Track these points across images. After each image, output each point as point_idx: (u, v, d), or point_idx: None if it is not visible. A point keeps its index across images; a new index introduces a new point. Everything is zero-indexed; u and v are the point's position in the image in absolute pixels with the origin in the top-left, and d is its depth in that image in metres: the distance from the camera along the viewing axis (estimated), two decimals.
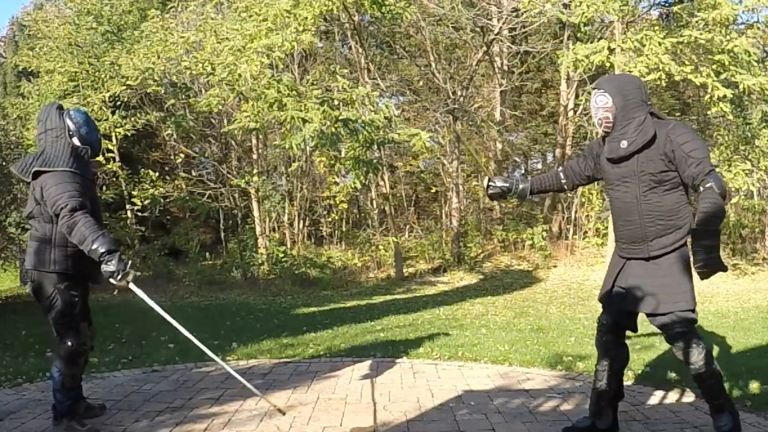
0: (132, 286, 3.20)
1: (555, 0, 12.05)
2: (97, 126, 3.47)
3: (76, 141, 3.33)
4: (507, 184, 3.50)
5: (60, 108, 3.39)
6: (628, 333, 3.34)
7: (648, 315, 3.12)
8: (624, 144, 3.03)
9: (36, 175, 3.22)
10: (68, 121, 3.34)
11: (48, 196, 3.14)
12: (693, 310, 3.03)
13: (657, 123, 3.04)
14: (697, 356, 3.00)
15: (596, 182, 3.42)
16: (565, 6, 12.21)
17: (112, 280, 3.11)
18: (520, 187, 3.48)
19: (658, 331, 3.17)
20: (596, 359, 3.35)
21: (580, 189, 15.64)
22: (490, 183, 3.54)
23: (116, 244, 3.17)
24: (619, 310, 3.21)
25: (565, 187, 3.50)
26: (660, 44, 10.67)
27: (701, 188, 2.86)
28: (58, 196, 3.12)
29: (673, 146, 2.95)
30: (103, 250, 3.06)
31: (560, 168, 3.53)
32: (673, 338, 3.03)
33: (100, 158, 12.81)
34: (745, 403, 3.83)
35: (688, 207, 3.10)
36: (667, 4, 13.89)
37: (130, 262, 3.17)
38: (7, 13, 37.25)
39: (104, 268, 3.10)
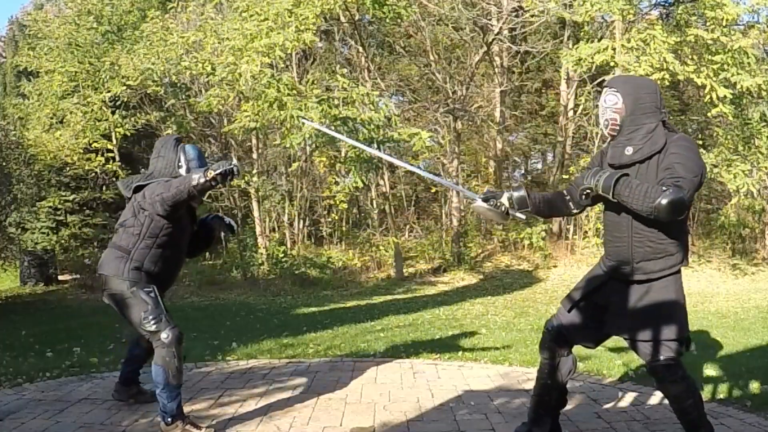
0: (235, 164, 3.34)
1: None
2: (207, 164, 3.63)
3: (182, 172, 3.52)
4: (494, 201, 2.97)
5: (178, 141, 3.63)
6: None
7: (628, 340, 2.91)
8: (629, 150, 2.77)
9: (138, 189, 3.48)
10: (181, 154, 3.55)
11: (150, 194, 3.35)
12: (680, 342, 2.79)
13: (668, 135, 2.78)
14: (679, 390, 2.80)
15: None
16: (565, 6, 12.23)
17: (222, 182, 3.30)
18: (514, 195, 2.97)
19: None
20: (539, 365, 3.14)
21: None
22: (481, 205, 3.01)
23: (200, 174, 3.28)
24: (576, 324, 3.00)
25: (573, 205, 3.07)
26: (664, 43, 10.71)
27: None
28: (158, 186, 3.35)
29: (666, 156, 2.70)
30: (203, 179, 3.22)
31: (565, 190, 3.15)
32: (655, 370, 2.81)
33: (101, 158, 12.84)
34: (745, 403, 3.83)
35: (685, 233, 2.86)
36: (667, 4, 13.90)
37: (222, 163, 3.28)
38: (7, 13, 37.27)
39: (215, 183, 3.27)
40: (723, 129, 13.44)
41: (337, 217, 16.24)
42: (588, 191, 2.76)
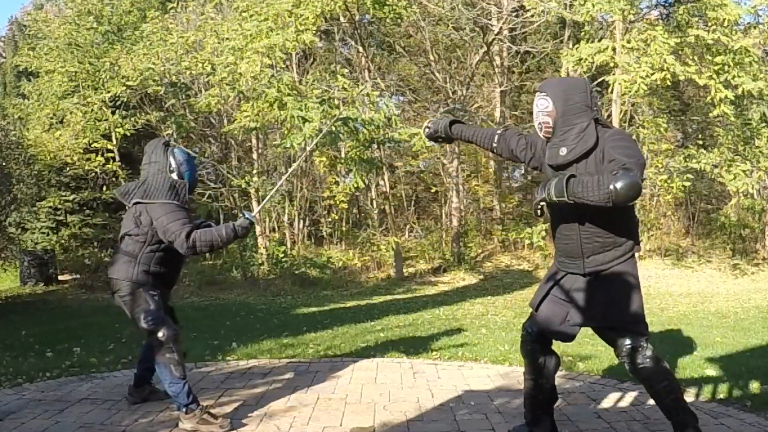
0: (255, 215, 3.67)
1: None
2: (196, 166, 3.83)
3: (174, 176, 3.62)
4: (434, 126, 3.43)
5: (167, 144, 3.71)
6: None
7: (595, 330, 3.02)
8: (563, 151, 2.85)
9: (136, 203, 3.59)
10: (170, 158, 3.63)
11: (159, 225, 3.48)
12: (643, 324, 2.90)
13: (601, 131, 2.84)
14: (650, 371, 2.86)
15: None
16: (566, 6, 12.24)
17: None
18: (444, 125, 3.38)
19: (656, 330, 3.14)
20: (524, 368, 3.24)
21: None
22: (427, 126, 3.48)
23: (230, 225, 3.54)
24: (549, 321, 3.07)
25: (495, 151, 3.32)
26: (664, 44, 10.72)
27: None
28: (170, 224, 3.45)
29: (605, 152, 2.76)
30: (231, 235, 3.49)
31: (498, 131, 3.31)
32: (627, 353, 2.88)
33: (100, 158, 12.85)
34: (745, 403, 3.82)
35: (632, 223, 2.94)
36: (667, 4, 13.91)
37: (241, 218, 3.56)
38: (7, 13, 37.28)
39: (242, 236, 3.60)
40: (723, 129, 13.44)
41: (337, 217, 16.24)
42: (542, 204, 2.81)
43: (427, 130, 3.49)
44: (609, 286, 2.90)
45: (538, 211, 2.87)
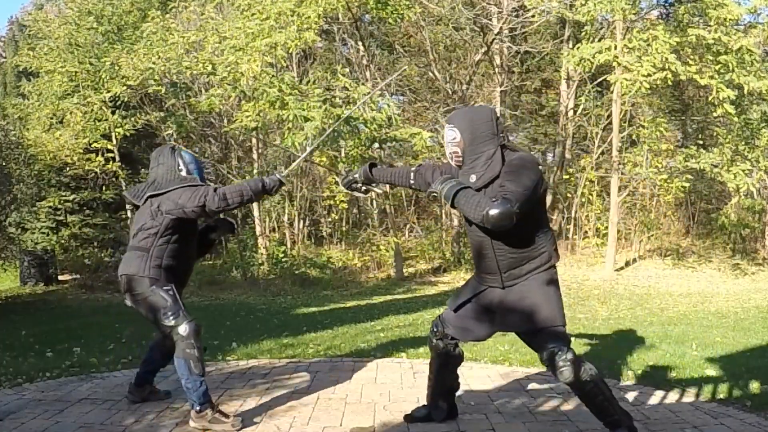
0: (284, 175, 3.77)
1: None
2: (203, 167, 3.92)
3: (183, 174, 3.70)
4: (350, 175, 3.63)
5: (173, 149, 3.80)
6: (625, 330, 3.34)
7: (519, 335, 3.17)
8: (473, 178, 3.00)
9: (149, 197, 3.64)
10: (178, 159, 3.72)
11: (185, 200, 3.50)
12: (563, 327, 3.02)
13: (508, 155, 3.02)
14: (574, 373, 2.97)
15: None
16: (568, 6, 12.24)
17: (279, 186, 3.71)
18: (363, 171, 3.55)
19: (656, 330, 3.15)
20: (429, 358, 3.47)
21: (580, 189, 15.66)
22: (344, 175, 3.68)
23: (258, 178, 3.67)
24: (457, 329, 3.27)
25: (413, 188, 3.50)
26: (665, 43, 10.75)
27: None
28: (194, 193, 3.51)
29: (501, 176, 2.93)
30: (260, 188, 3.58)
31: (413, 168, 3.48)
32: (547, 357, 2.99)
33: (100, 158, 12.86)
34: (745, 403, 3.82)
35: (546, 237, 3.08)
36: (667, 4, 13.91)
37: (272, 177, 3.66)
38: (7, 13, 37.30)
39: (269, 193, 3.67)
40: (724, 129, 13.45)
41: (337, 217, 16.24)
42: (434, 194, 3.06)
43: (344, 179, 3.65)
44: (527, 294, 3.03)
45: (430, 198, 3.18)
